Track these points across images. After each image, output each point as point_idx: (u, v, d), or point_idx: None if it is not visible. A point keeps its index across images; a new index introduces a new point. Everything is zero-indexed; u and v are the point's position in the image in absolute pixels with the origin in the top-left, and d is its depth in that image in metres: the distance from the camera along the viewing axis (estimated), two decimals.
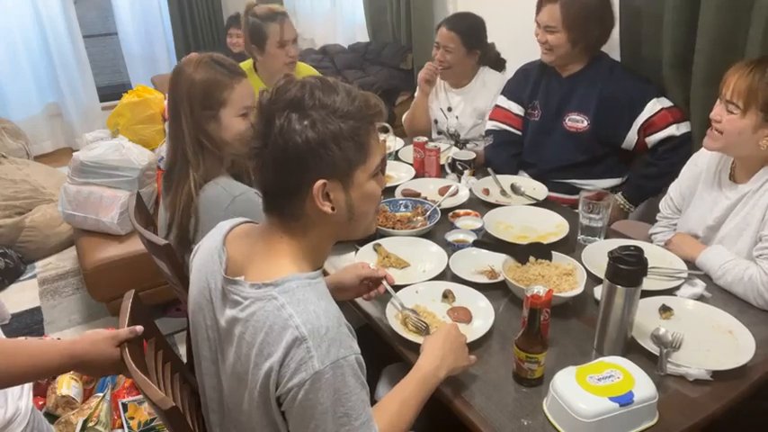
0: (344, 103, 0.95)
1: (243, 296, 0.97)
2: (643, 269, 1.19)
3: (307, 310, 0.92)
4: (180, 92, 1.54)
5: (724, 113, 1.48)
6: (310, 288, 0.96)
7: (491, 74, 2.52)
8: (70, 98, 4.49)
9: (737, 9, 1.75)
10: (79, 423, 1.91)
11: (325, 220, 1.00)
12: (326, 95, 0.95)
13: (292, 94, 0.94)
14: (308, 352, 0.88)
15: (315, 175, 0.96)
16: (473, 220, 1.82)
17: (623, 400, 1.06)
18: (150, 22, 4.74)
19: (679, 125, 1.99)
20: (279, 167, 0.95)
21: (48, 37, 4.29)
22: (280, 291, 0.94)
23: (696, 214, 1.66)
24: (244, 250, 1.04)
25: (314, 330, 0.90)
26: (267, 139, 0.94)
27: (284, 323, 0.91)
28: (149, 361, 1.19)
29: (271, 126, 0.93)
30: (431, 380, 1.12)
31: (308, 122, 0.93)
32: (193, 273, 1.13)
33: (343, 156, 0.96)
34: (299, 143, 0.93)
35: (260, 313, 0.94)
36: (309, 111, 0.93)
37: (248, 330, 0.95)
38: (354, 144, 0.97)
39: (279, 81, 0.98)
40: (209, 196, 1.52)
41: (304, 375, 0.88)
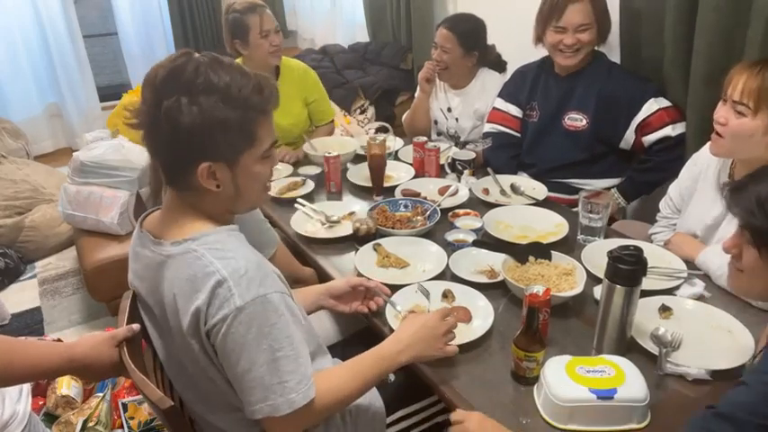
0: (235, 90, 0.98)
1: (166, 254, 1.04)
2: (642, 269, 1.19)
3: (225, 256, 0.99)
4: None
5: (731, 115, 1.45)
6: (228, 236, 1.05)
7: (491, 76, 2.52)
8: (70, 98, 4.49)
9: (736, 10, 1.75)
10: (79, 423, 1.91)
11: (214, 195, 1.06)
12: (219, 79, 0.98)
13: (185, 77, 0.97)
14: (229, 291, 0.96)
15: (199, 156, 1.00)
16: (473, 219, 1.82)
17: (603, 394, 1.08)
18: (150, 22, 4.74)
19: (675, 126, 1.99)
20: (166, 146, 1.01)
21: (48, 37, 4.29)
22: (198, 244, 1.01)
23: (695, 214, 1.66)
24: (158, 224, 1.12)
25: (234, 271, 0.97)
26: (156, 116, 0.97)
27: (205, 270, 0.98)
28: (148, 361, 1.20)
29: (159, 105, 0.97)
30: (388, 361, 1.14)
31: (197, 108, 0.96)
32: (129, 271, 1.21)
33: (229, 142, 1.01)
34: (186, 126, 0.96)
35: (182, 266, 1.00)
36: (199, 96, 0.96)
37: (174, 284, 1.01)
38: (241, 132, 1.02)
39: (176, 59, 1.00)
40: None
41: (226, 311, 0.95)
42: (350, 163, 2.31)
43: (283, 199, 2.07)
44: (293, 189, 2.14)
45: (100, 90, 4.66)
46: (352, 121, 3.40)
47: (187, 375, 1.11)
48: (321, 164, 2.20)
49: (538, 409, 1.14)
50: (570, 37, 2.04)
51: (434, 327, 1.19)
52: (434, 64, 2.46)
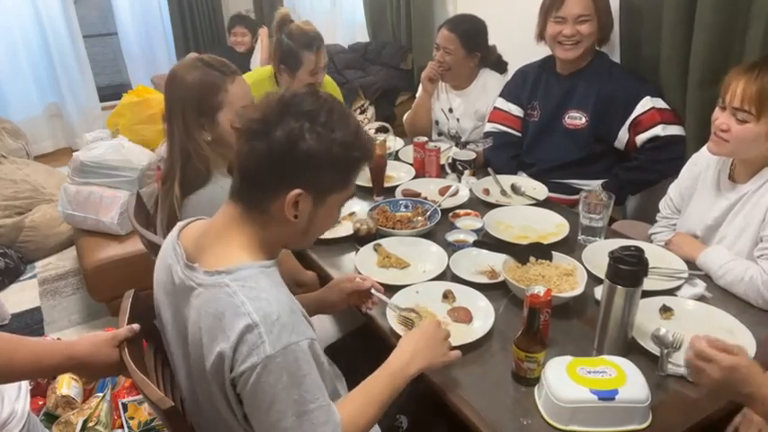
0: (351, 136, 1.00)
1: (197, 282, 1.00)
2: (644, 269, 1.19)
3: (258, 297, 0.95)
4: (174, 98, 1.53)
5: (732, 122, 1.44)
6: (263, 276, 0.99)
7: (492, 76, 2.52)
8: (70, 98, 4.50)
9: (734, 10, 1.75)
10: (79, 423, 1.91)
11: (284, 223, 1.03)
12: (341, 121, 1.00)
13: (312, 106, 0.98)
14: (259, 337, 0.91)
15: (297, 183, 0.99)
16: (473, 220, 1.81)
17: (604, 395, 1.07)
18: (150, 22, 4.74)
19: (666, 126, 1.99)
20: (269, 161, 0.98)
21: (48, 37, 4.29)
22: (232, 278, 0.97)
23: (695, 214, 1.66)
24: (195, 240, 1.07)
25: (265, 316, 0.92)
26: (271, 130, 0.96)
27: (236, 310, 0.93)
28: (148, 361, 1.19)
29: (279, 121, 0.96)
30: (398, 377, 1.12)
31: (316, 136, 0.96)
32: (155, 274, 1.15)
33: (330, 179, 1.02)
34: (301, 151, 0.96)
35: (212, 300, 0.96)
36: (320, 127, 0.97)
37: (201, 316, 0.97)
38: (343, 173, 1.04)
39: (305, 89, 1.01)
40: (204, 196, 1.52)
41: (255, 360, 0.91)
42: None
43: None
44: None
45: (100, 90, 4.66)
46: None
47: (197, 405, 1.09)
48: None
49: (539, 410, 1.13)
50: (569, 27, 2.04)
51: (434, 334, 1.19)
52: (437, 64, 2.46)
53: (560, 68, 2.19)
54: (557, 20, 2.07)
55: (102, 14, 5.02)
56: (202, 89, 1.51)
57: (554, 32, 2.09)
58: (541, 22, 2.14)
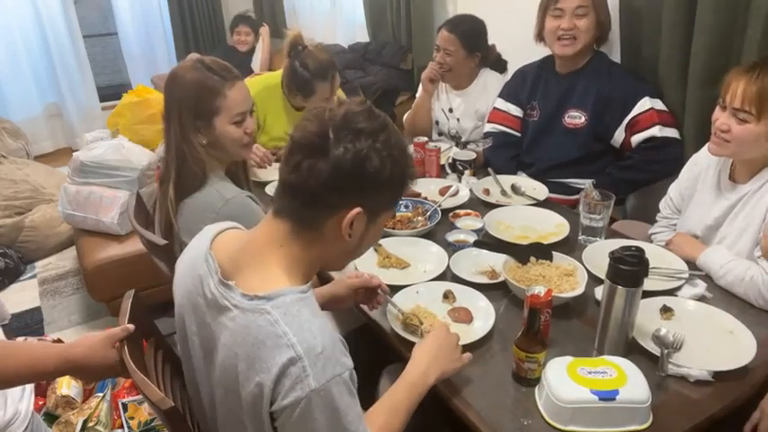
0: (404, 154, 1.01)
1: (233, 303, 0.96)
2: (644, 270, 1.19)
3: (302, 328, 0.91)
4: (172, 99, 1.52)
5: (732, 122, 1.44)
6: (303, 303, 0.95)
7: (492, 76, 2.52)
8: (70, 98, 4.50)
9: (734, 11, 1.75)
10: (79, 423, 1.91)
11: (335, 242, 1.01)
12: (396, 139, 1.00)
13: (372, 124, 0.97)
14: (303, 371, 0.88)
15: (357, 201, 0.97)
16: (473, 220, 1.81)
17: (605, 396, 1.07)
18: (150, 22, 4.74)
19: (663, 128, 1.99)
20: (332, 180, 0.94)
21: (48, 37, 4.29)
22: (273, 305, 0.92)
23: (695, 214, 1.66)
24: (232, 256, 1.03)
25: (309, 349, 0.89)
26: (332, 147, 0.93)
27: (278, 340, 0.90)
28: (149, 361, 1.19)
29: (341, 139, 0.94)
30: (419, 386, 1.12)
31: (379, 156, 0.95)
32: (178, 277, 1.12)
33: (387, 197, 1.02)
34: (366, 170, 0.94)
35: (252, 327, 0.92)
36: (381, 146, 0.96)
37: (237, 342, 0.93)
38: (397, 192, 1.03)
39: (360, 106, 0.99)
40: (201, 200, 1.51)
41: (300, 394, 0.88)
42: None
43: None
44: None
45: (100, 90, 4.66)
46: None
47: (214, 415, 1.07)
48: None
49: (539, 410, 1.13)
50: (567, 21, 2.05)
51: (446, 340, 1.18)
52: (438, 65, 2.46)
53: (559, 68, 2.19)
54: (555, 13, 2.07)
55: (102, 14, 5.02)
56: (200, 92, 1.49)
57: (552, 27, 2.09)
58: (540, 19, 2.15)
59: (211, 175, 1.54)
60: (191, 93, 1.49)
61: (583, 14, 2.04)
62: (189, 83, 1.49)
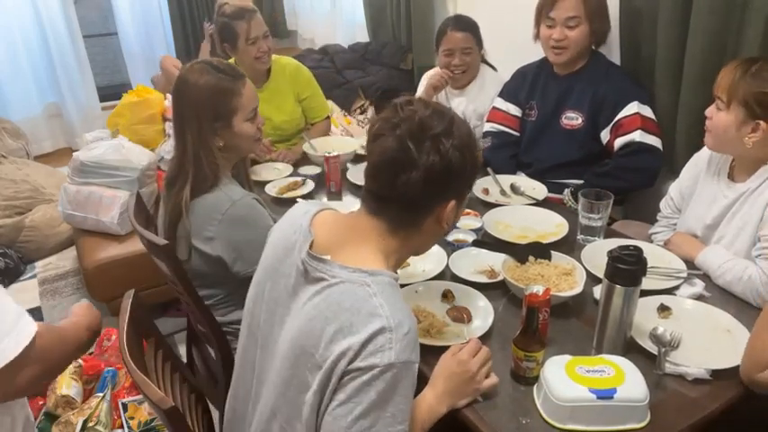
0: (474, 138, 1.08)
1: (330, 275, 1.00)
2: (642, 269, 1.20)
3: (395, 307, 0.96)
4: (186, 104, 1.53)
5: (714, 110, 1.50)
6: (396, 288, 1.02)
7: (489, 74, 2.53)
8: (70, 98, 4.49)
9: (729, 12, 1.76)
10: (79, 423, 1.91)
11: (432, 232, 1.09)
12: (462, 126, 1.04)
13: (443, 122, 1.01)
14: (389, 341, 0.92)
15: (452, 195, 1.05)
16: (473, 219, 1.82)
17: (603, 394, 1.08)
18: (150, 22, 4.74)
19: (644, 134, 1.97)
20: (426, 186, 1.00)
21: (48, 37, 4.28)
22: (373, 281, 0.98)
23: (695, 214, 1.66)
24: (332, 235, 1.08)
25: (399, 325, 0.93)
26: (417, 157, 0.98)
27: (373, 309, 0.94)
28: (149, 361, 1.20)
29: (423, 145, 0.99)
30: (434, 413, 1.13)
31: (458, 151, 1.01)
32: (269, 245, 1.17)
33: (471, 179, 1.10)
34: (453, 168, 1.01)
35: (349, 293, 0.97)
36: (457, 140, 1.01)
37: (331, 307, 0.97)
38: (476, 171, 1.09)
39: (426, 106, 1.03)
40: (210, 200, 1.52)
41: (378, 361, 0.91)
42: (350, 163, 2.31)
43: (283, 199, 2.07)
44: (293, 189, 2.14)
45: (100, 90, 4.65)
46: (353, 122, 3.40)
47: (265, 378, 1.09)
48: (321, 164, 2.20)
49: (538, 409, 1.14)
50: (558, 31, 2.04)
51: (463, 371, 1.16)
52: (447, 73, 2.45)
53: (557, 69, 2.19)
54: (548, 23, 2.07)
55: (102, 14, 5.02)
56: (217, 94, 1.52)
57: (545, 36, 2.09)
58: (536, 23, 2.14)
59: (222, 177, 1.56)
60: (207, 96, 1.52)
61: (574, 25, 2.03)
62: (204, 87, 1.51)
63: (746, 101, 1.41)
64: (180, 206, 1.52)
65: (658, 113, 2.05)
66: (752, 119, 1.42)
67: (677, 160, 1.99)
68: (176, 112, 1.57)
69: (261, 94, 2.44)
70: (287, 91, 2.59)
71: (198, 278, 1.58)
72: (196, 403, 1.29)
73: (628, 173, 1.99)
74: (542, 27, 2.10)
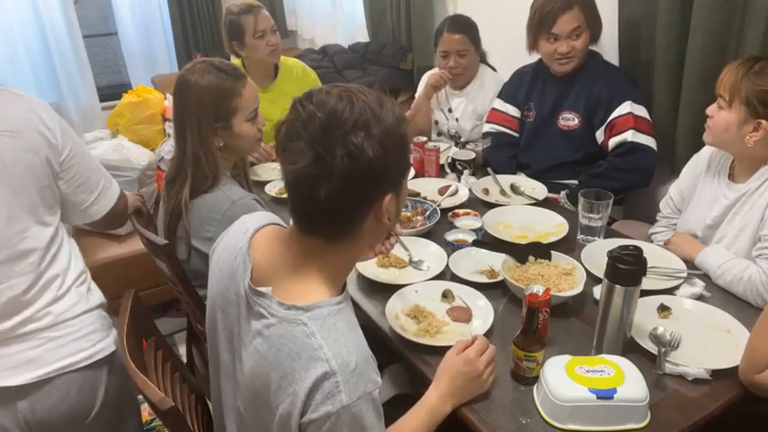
0: (393, 114, 0.95)
1: (269, 312, 0.94)
2: (642, 269, 1.20)
3: (337, 343, 0.90)
4: (187, 104, 1.53)
5: (715, 108, 1.50)
6: (339, 316, 0.94)
7: (489, 74, 2.53)
8: (70, 98, 4.49)
9: (729, 11, 1.76)
10: None
11: (374, 231, 0.99)
12: (381, 107, 0.93)
13: (350, 115, 0.90)
14: (336, 386, 0.87)
15: (383, 190, 0.94)
16: (473, 219, 1.82)
17: (603, 394, 1.08)
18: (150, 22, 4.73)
19: (636, 133, 1.97)
20: (348, 190, 0.90)
21: (48, 37, 4.28)
22: (310, 317, 0.91)
23: (695, 214, 1.66)
24: (271, 259, 1.01)
25: (344, 365, 0.88)
26: (330, 164, 0.88)
27: (313, 353, 0.89)
28: (149, 361, 1.20)
29: (333, 150, 0.88)
30: (438, 413, 1.13)
31: (376, 140, 0.89)
32: (213, 270, 1.10)
33: (403, 165, 0.97)
34: (371, 162, 0.89)
35: (287, 337, 0.91)
36: (372, 128, 0.90)
37: (272, 351, 0.92)
38: (407, 152, 0.99)
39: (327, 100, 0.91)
40: (209, 201, 1.52)
41: (330, 408, 0.87)
42: None
43: (283, 199, 2.07)
44: None
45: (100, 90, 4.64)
46: None
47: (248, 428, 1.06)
48: None
49: (538, 409, 1.14)
50: (564, 44, 2.04)
51: (470, 370, 1.16)
52: (446, 73, 2.45)
53: (555, 72, 2.19)
54: (550, 38, 2.05)
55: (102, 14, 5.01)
56: (218, 94, 1.52)
57: (549, 51, 2.08)
58: (531, 39, 2.13)
59: (221, 177, 1.56)
60: (208, 96, 1.52)
61: (578, 35, 2.03)
62: (205, 87, 1.52)
63: (749, 100, 1.41)
64: (180, 206, 1.52)
65: (658, 114, 2.05)
66: (753, 118, 1.42)
67: (677, 160, 1.99)
68: (177, 112, 1.57)
69: (266, 95, 2.45)
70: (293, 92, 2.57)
71: (198, 278, 1.59)
72: (196, 403, 1.29)
73: (621, 173, 1.99)
74: (543, 42, 2.09)
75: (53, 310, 1.29)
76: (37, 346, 1.25)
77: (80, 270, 1.44)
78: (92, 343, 1.32)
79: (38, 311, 1.27)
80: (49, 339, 1.27)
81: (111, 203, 1.47)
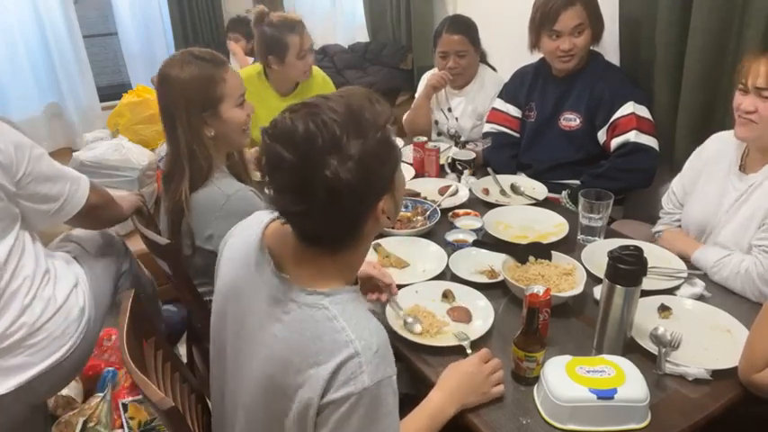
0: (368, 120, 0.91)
1: (290, 297, 0.95)
2: (642, 269, 1.20)
3: (360, 326, 0.91)
4: (173, 98, 1.51)
5: (758, 102, 1.43)
6: (358, 302, 0.96)
7: (488, 74, 2.53)
8: (70, 98, 4.48)
9: (729, 11, 1.76)
10: (79, 423, 1.91)
11: (377, 229, 1.01)
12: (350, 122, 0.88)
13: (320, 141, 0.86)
14: (359, 367, 0.88)
15: (376, 197, 0.94)
16: (473, 219, 1.82)
17: (603, 394, 1.08)
18: (150, 22, 4.73)
19: (639, 134, 1.97)
20: (334, 219, 0.92)
21: (48, 37, 4.28)
22: (330, 302, 0.93)
23: (700, 207, 1.65)
24: (285, 250, 1.01)
25: (367, 347, 0.89)
26: (312, 200, 0.88)
27: (336, 335, 0.90)
28: (149, 361, 1.20)
29: (310, 187, 0.87)
30: (439, 416, 1.12)
31: (353, 160, 0.87)
32: (225, 261, 1.11)
33: (389, 168, 0.96)
34: (352, 185, 0.87)
35: (309, 321, 0.92)
36: (345, 148, 0.87)
37: (293, 336, 0.93)
38: (391, 150, 0.96)
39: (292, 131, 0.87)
40: (204, 197, 1.52)
41: (352, 389, 0.87)
42: None
43: None
44: None
45: (100, 90, 4.64)
46: None
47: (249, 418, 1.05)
48: None
49: (538, 409, 1.14)
50: (566, 42, 2.04)
51: (474, 373, 1.16)
52: (446, 74, 2.45)
53: (556, 71, 2.19)
54: (552, 35, 2.06)
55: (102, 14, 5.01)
56: (202, 84, 1.50)
57: (551, 48, 2.08)
58: (533, 36, 2.13)
59: (215, 170, 1.56)
60: (193, 87, 1.50)
61: (580, 33, 2.03)
62: (188, 79, 1.50)
63: None
64: (181, 202, 1.52)
65: (658, 114, 2.05)
66: None
67: (677, 160, 1.99)
68: (163, 109, 1.55)
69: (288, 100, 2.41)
70: None
71: (200, 276, 1.58)
72: (196, 403, 1.29)
73: (623, 173, 1.99)
74: (545, 40, 2.09)
75: (26, 320, 1.32)
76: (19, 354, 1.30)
77: (44, 269, 1.42)
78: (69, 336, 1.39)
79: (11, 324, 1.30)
80: (30, 347, 1.32)
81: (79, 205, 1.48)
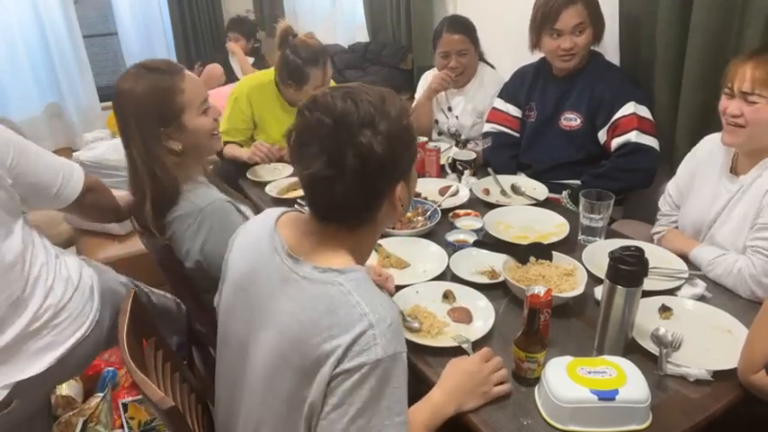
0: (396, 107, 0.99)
1: (302, 275, 0.98)
2: (644, 269, 1.19)
3: (373, 301, 0.94)
4: (127, 117, 1.42)
5: (744, 106, 1.44)
6: (370, 281, 1.00)
7: (488, 72, 2.53)
8: (70, 98, 4.49)
9: (729, 10, 1.76)
10: (79, 423, 1.91)
11: (390, 216, 1.07)
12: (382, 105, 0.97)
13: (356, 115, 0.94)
14: (373, 338, 0.91)
15: (395, 181, 1.01)
16: (473, 220, 1.82)
17: (605, 395, 1.07)
18: (150, 22, 4.74)
19: (640, 134, 1.97)
20: (362, 186, 0.97)
21: (48, 37, 4.28)
22: (345, 279, 0.96)
23: (696, 208, 1.66)
24: (297, 237, 1.05)
25: (381, 320, 0.92)
26: (343, 165, 0.94)
27: (351, 309, 0.93)
28: (149, 360, 1.19)
29: (344, 152, 0.93)
30: (439, 415, 1.12)
31: (383, 136, 0.95)
32: (234, 254, 1.14)
33: (410, 154, 1.05)
34: (380, 157, 0.94)
35: (323, 297, 0.95)
36: (378, 125, 0.95)
37: (305, 312, 0.95)
38: (413, 139, 1.04)
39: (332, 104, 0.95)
40: (180, 213, 1.45)
41: (365, 359, 0.90)
42: None
43: (284, 199, 2.07)
44: (294, 189, 2.14)
45: (100, 90, 4.65)
46: None
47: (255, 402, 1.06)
48: None
49: (539, 410, 1.13)
50: (567, 41, 2.04)
51: (475, 372, 1.17)
52: (448, 74, 2.45)
53: (557, 71, 2.19)
54: (553, 33, 2.05)
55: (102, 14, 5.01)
56: (157, 97, 1.41)
57: (552, 47, 2.08)
58: (534, 36, 2.13)
59: (183, 185, 1.47)
60: (148, 102, 1.40)
61: (581, 32, 2.03)
62: (142, 93, 1.40)
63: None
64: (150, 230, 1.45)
65: (658, 114, 2.05)
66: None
67: (677, 160, 1.98)
68: (119, 127, 1.46)
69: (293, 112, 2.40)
70: None
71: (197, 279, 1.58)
72: (196, 403, 1.29)
73: (624, 173, 1.99)
74: (546, 39, 2.09)
75: (51, 302, 1.39)
76: (47, 335, 1.38)
77: (54, 254, 1.48)
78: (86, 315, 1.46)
79: (39, 308, 1.37)
80: (55, 326, 1.40)
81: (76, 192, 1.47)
